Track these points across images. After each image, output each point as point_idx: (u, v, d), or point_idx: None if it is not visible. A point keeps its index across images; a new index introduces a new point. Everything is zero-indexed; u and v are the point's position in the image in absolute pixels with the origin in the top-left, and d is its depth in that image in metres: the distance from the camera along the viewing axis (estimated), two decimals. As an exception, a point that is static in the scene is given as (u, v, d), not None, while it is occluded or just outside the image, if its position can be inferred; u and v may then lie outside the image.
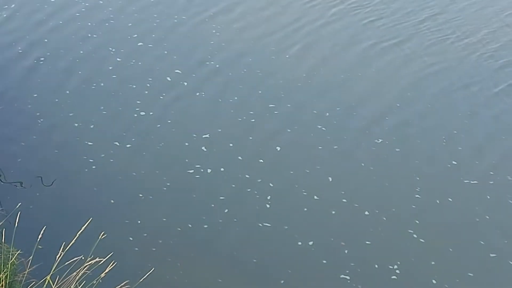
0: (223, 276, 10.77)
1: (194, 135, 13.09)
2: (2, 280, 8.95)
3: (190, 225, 11.42)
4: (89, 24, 15.81)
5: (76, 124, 13.06)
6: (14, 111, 13.15)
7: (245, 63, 15.12)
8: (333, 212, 11.86)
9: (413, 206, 12.09)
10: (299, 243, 11.29)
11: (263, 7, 17.31)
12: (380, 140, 13.46)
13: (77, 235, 8.70)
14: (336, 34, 16.39)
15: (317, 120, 13.75)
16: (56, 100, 13.58)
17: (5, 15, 15.70)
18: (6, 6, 15.90)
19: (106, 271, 8.85)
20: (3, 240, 9.46)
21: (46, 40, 15.15)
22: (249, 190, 12.12)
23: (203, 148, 12.86)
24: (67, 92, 13.81)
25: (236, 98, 14.07)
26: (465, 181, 12.72)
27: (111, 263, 8.83)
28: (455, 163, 13.07)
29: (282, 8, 17.40)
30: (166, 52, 15.16)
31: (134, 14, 16.37)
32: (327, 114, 13.91)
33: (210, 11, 16.77)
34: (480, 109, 14.46)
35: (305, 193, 12.13)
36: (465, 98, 14.75)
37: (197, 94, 14.13)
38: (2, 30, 15.23)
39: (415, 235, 11.58)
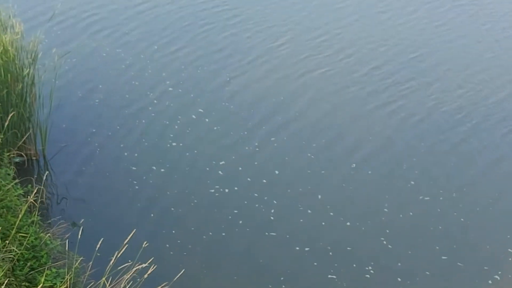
0: (238, 273, 10.57)
1: (213, 162, 12.80)
2: (68, 281, 8.65)
3: (211, 233, 11.18)
4: (132, 73, 15.51)
5: (125, 153, 12.78)
6: (76, 144, 12.85)
7: (254, 104, 14.75)
8: (323, 224, 11.57)
9: (383, 219, 11.80)
10: (297, 248, 11.01)
11: (272, 47, 17.02)
12: (354, 165, 13.16)
13: (124, 244, 8.44)
14: (337, 75, 16.05)
15: (307, 150, 13.45)
16: (109, 133, 13.29)
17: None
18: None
19: (149, 272, 8.62)
20: (67, 248, 9.18)
21: (100, 86, 14.83)
22: (257, 205, 11.86)
23: (220, 172, 12.56)
24: (117, 127, 13.52)
25: (245, 132, 13.79)
26: (420, 198, 12.44)
27: (152, 267, 8.59)
28: (413, 183, 12.80)
29: (292, 44, 17.14)
30: (192, 95, 14.86)
31: (166, 64, 16.02)
32: (314, 145, 13.61)
33: (230, 63, 16.37)
34: (431, 139, 14.13)
35: (301, 208, 11.86)
36: (419, 131, 14.43)
37: (215, 128, 13.83)
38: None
39: (385, 242, 11.31)
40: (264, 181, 12.47)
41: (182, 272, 9.48)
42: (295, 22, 18.62)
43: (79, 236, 8.91)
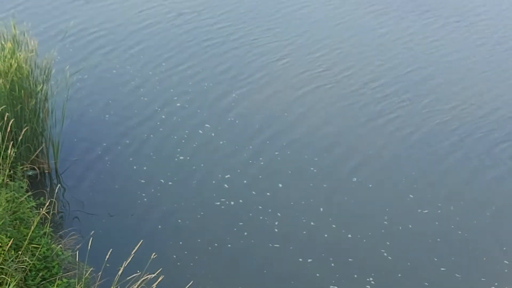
0: (243, 283, 10.45)
1: (219, 175, 12.69)
2: (79, 291, 8.55)
3: (216, 245, 11.06)
4: (141, 90, 15.41)
5: (134, 167, 12.66)
6: (87, 158, 12.76)
7: (257, 119, 14.65)
8: (325, 235, 11.44)
9: (383, 231, 11.67)
10: (300, 260, 10.88)
11: (273, 63, 16.89)
12: (355, 179, 13.04)
13: (132, 255, 8.42)
14: (328, 95, 15.95)
15: (309, 164, 13.33)
16: (119, 148, 13.19)
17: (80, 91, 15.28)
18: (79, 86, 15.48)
19: (157, 282, 8.54)
20: (77, 259, 9.11)
21: (110, 102, 14.75)
22: (261, 218, 11.73)
23: (225, 185, 12.45)
24: (127, 141, 13.41)
25: (250, 146, 13.67)
26: (419, 211, 12.31)
27: (160, 277, 8.51)
28: (412, 196, 12.68)
29: (292, 60, 17.05)
30: (198, 111, 14.77)
31: (173, 80, 15.93)
32: (316, 159, 13.49)
33: (233, 78, 16.26)
34: (427, 153, 14.02)
35: (304, 220, 11.73)
36: (415, 146, 14.31)
37: (221, 143, 13.73)
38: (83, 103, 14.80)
39: (385, 254, 11.17)
40: (268, 194, 12.35)
41: (191, 283, 9.42)
42: (294, 39, 18.54)
43: (89, 247, 8.84)
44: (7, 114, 10.83)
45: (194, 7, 19.96)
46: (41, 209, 9.52)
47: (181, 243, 10.91)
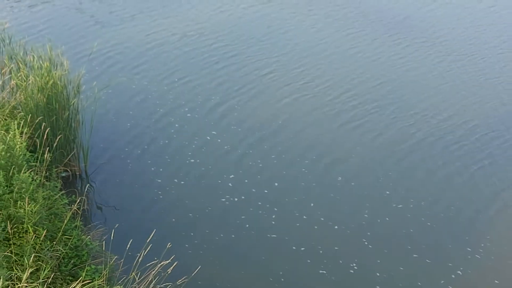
0: (244, 268, 10.50)
1: (224, 176, 12.70)
2: (104, 276, 8.58)
3: (222, 235, 11.07)
4: (157, 102, 15.39)
5: (152, 169, 12.67)
6: (112, 161, 12.76)
7: (255, 127, 14.63)
8: (315, 227, 11.44)
9: (364, 223, 11.68)
10: (293, 248, 10.89)
11: (262, 77, 16.77)
12: (340, 178, 13.04)
13: (148, 244, 8.66)
14: (313, 99, 15.94)
15: (300, 165, 13.33)
16: (139, 152, 13.20)
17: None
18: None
19: (171, 268, 8.58)
20: (103, 249, 9.12)
21: (131, 113, 14.72)
22: (260, 212, 11.73)
23: (229, 184, 12.46)
24: (145, 146, 13.42)
25: (251, 151, 13.68)
26: (394, 205, 12.31)
27: (174, 263, 8.55)
28: (388, 193, 12.67)
29: (278, 74, 16.90)
30: (206, 120, 14.75)
31: (184, 94, 15.90)
32: (306, 161, 13.48)
33: (234, 91, 16.17)
34: (406, 158, 14.00)
35: (297, 214, 11.73)
36: (389, 149, 14.29)
37: (225, 147, 13.72)
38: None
39: (366, 243, 11.18)
40: (266, 191, 12.35)
41: (199, 268, 9.44)
42: (281, 57, 18.38)
43: (113, 238, 8.88)
44: (44, 124, 10.86)
45: (194, 29, 19.85)
46: (72, 205, 9.55)
47: (192, 234, 10.92)
